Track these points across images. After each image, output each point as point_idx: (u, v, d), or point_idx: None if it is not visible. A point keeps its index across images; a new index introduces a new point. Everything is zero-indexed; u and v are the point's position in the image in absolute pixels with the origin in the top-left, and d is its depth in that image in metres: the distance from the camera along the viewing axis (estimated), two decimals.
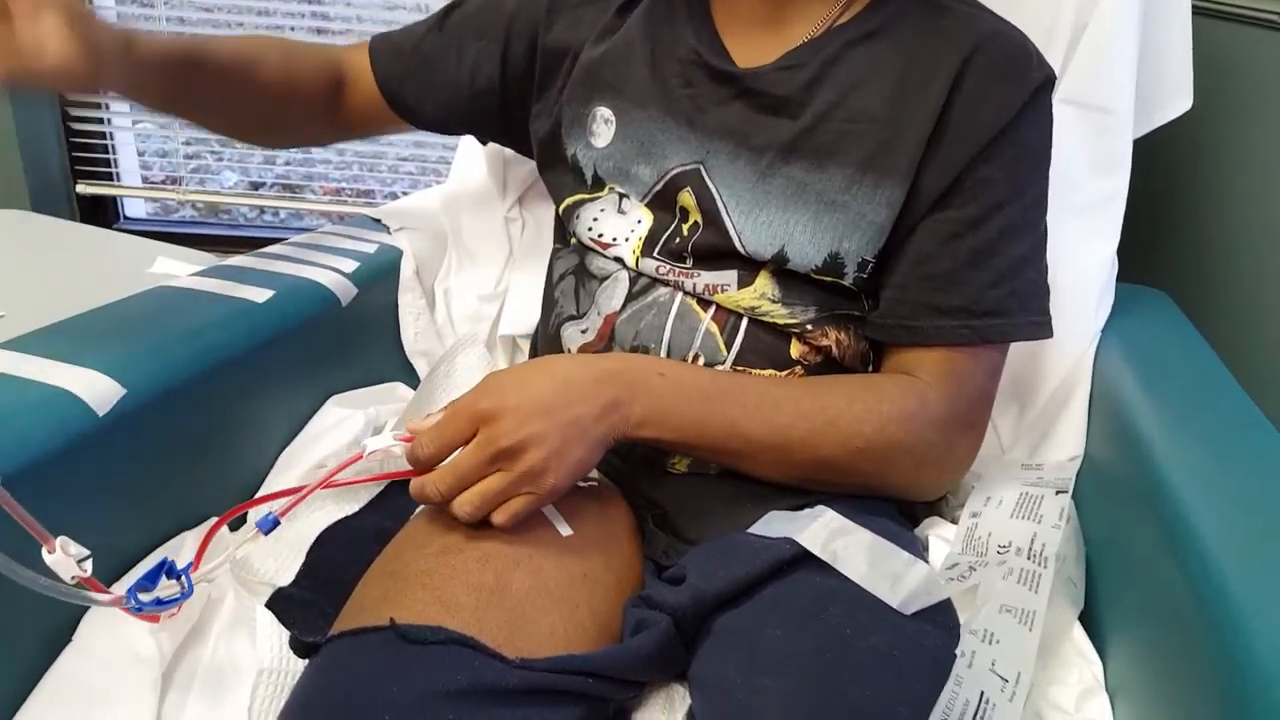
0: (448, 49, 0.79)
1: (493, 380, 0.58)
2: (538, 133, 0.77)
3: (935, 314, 0.65)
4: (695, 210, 0.68)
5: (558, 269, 0.79)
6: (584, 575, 0.58)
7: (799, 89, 0.66)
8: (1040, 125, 0.67)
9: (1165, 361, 0.78)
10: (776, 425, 0.61)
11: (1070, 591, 0.65)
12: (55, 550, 0.45)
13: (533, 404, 0.55)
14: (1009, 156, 0.64)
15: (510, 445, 0.54)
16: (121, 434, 0.58)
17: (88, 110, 1.66)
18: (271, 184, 1.80)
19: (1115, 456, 0.72)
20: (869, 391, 0.64)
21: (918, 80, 0.64)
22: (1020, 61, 0.65)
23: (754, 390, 0.63)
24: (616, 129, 0.71)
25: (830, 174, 0.65)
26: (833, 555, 0.54)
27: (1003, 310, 0.65)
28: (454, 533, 0.57)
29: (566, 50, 0.75)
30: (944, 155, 0.64)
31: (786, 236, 0.65)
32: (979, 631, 0.54)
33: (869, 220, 0.64)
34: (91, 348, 0.60)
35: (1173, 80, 0.86)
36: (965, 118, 0.63)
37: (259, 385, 0.73)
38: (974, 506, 0.69)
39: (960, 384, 0.65)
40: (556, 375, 0.58)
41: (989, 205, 0.64)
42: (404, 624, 0.49)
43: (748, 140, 0.67)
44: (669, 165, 0.69)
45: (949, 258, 0.64)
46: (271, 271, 0.79)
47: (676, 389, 0.60)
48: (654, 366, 0.62)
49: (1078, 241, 0.82)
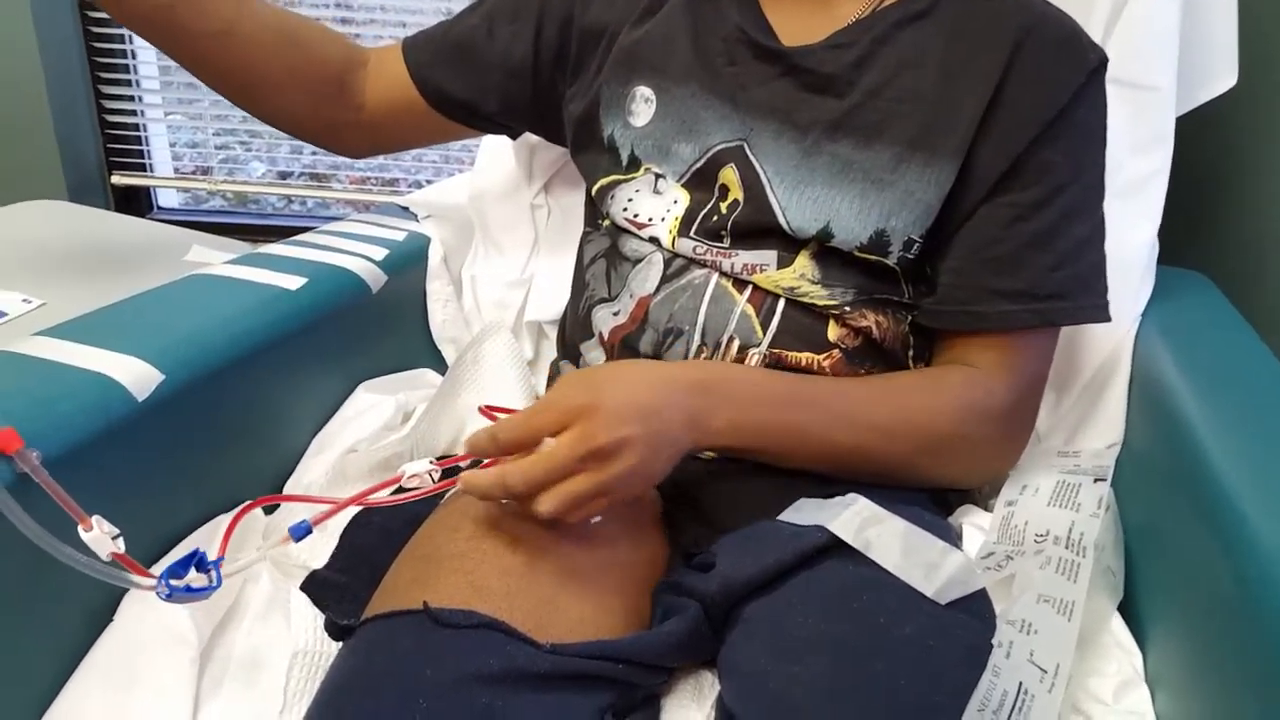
0: (479, 31, 0.79)
1: (586, 376, 0.56)
2: (573, 114, 0.77)
3: (998, 298, 0.64)
4: (737, 187, 0.67)
5: (588, 252, 0.78)
6: (613, 561, 0.58)
7: (847, 67, 0.65)
8: (1098, 106, 0.66)
9: (1207, 346, 0.77)
10: (856, 429, 0.61)
11: (1109, 581, 0.64)
12: (92, 528, 0.45)
13: (630, 406, 0.53)
14: (1069, 138, 0.64)
15: (605, 445, 0.51)
16: (160, 419, 0.59)
17: (122, 103, 1.68)
18: (299, 174, 1.82)
19: (1155, 443, 0.71)
20: (937, 385, 0.64)
21: (967, 61, 0.64)
22: (1075, 43, 0.65)
23: (834, 395, 0.62)
24: (657, 107, 0.71)
25: (878, 152, 0.64)
26: (865, 543, 0.53)
27: (1066, 292, 0.64)
28: (484, 517, 0.57)
29: (604, 30, 0.75)
30: (1001, 136, 0.63)
31: (832, 213, 0.65)
32: (1016, 621, 0.53)
33: (917, 198, 0.63)
34: (130, 334, 0.61)
35: (1217, 56, 0.84)
36: (1023, 99, 0.63)
37: (292, 371, 0.74)
38: (1009, 495, 0.68)
39: (1019, 372, 0.65)
40: (652, 380, 0.56)
41: (1051, 188, 0.63)
42: (436, 607, 0.49)
43: (791, 117, 0.66)
44: (711, 142, 0.69)
45: (1011, 241, 0.64)
46: (303, 259, 0.79)
47: (758, 397, 0.59)
48: (739, 375, 0.61)
49: (1118, 223, 0.78)
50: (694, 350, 0.67)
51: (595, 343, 0.75)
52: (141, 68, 1.67)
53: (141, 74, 1.68)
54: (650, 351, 0.69)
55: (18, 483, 0.48)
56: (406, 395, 0.83)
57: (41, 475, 0.47)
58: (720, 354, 0.67)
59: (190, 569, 0.48)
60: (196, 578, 0.48)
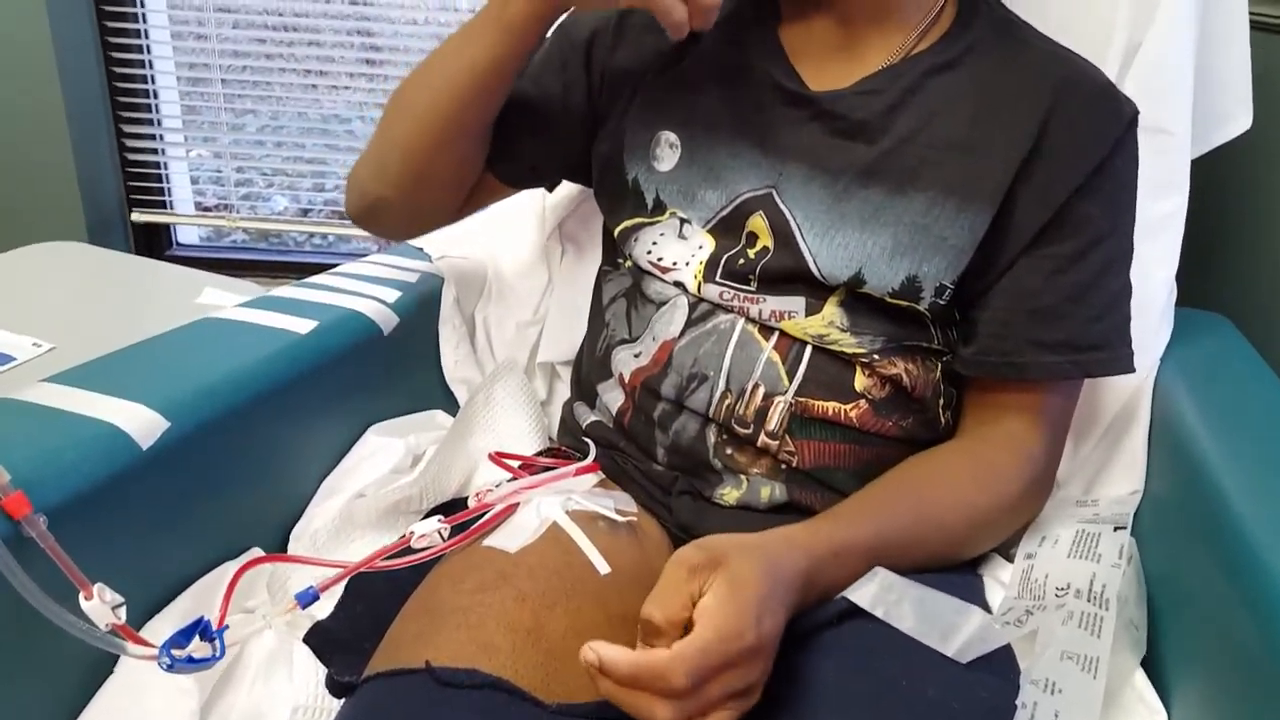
0: (531, 99, 0.76)
1: (750, 610, 0.48)
2: (599, 155, 0.76)
3: (1040, 349, 0.64)
4: (767, 234, 0.67)
5: (608, 290, 0.78)
6: (623, 615, 0.57)
7: (879, 114, 0.65)
8: (1132, 159, 0.67)
9: (1228, 389, 0.76)
10: (928, 551, 0.61)
11: (1132, 635, 0.62)
12: (93, 597, 0.45)
13: (774, 639, 0.49)
14: (1107, 191, 0.64)
15: (756, 682, 0.49)
16: (165, 466, 0.59)
17: (143, 141, 1.70)
18: (320, 209, 1.84)
19: (1176, 490, 0.69)
20: (993, 475, 0.65)
21: (1002, 110, 0.64)
22: (1111, 96, 0.65)
23: (903, 520, 0.61)
24: (682, 153, 0.70)
25: (911, 198, 0.64)
26: (885, 610, 0.53)
27: (1104, 344, 0.65)
28: (490, 570, 0.56)
29: (631, 74, 0.74)
30: (1042, 187, 0.63)
31: (864, 258, 0.64)
32: (1040, 681, 0.51)
33: (950, 244, 0.63)
34: (136, 381, 0.61)
35: (1231, 98, 0.83)
36: (1063, 151, 0.63)
37: (301, 415, 0.74)
38: (1028, 547, 0.67)
39: (1054, 424, 0.67)
40: (782, 598, 0.51)
41: (1090, 240, 0.64)
42: (439, 666, 0.49)
43: (822, 163, 0.66)
44: (739, 190, 0.68)
45: (1052, 293, 0.64)
46: (314, 302, 0.79)
47: (840, 566, 0.56)
48: (831, 548, 0.56)
49: (1135, 266, 0.79)
50: (718, 396, 0.67)
51: (614, 383, 0.74)
52: (164, 106, 1.70)
53: (163, 112, 1.71)
54: (673, 395, 0.69)
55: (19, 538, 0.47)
56: (417, 438, 0.82)
57: (48, 541, 0.47)
58: (745, 401, 0.66)
59: (193, 638, 0.47)
60: (199, 647, 0.48)
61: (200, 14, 1.64)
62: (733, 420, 0.66)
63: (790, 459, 0.66)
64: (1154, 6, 0.78)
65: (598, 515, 0.64)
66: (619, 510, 0.65)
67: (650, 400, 0.70)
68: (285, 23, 1.66)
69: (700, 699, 0.46)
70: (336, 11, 1.65)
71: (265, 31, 1.67)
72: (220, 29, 1.66)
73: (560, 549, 0.60)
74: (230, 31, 1.66)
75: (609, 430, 0.74)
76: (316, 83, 1.70)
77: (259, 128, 1.76)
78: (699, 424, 0.68)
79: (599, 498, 0.66)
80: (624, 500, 0.68)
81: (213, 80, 1.69)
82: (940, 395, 0.69)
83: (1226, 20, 0.82)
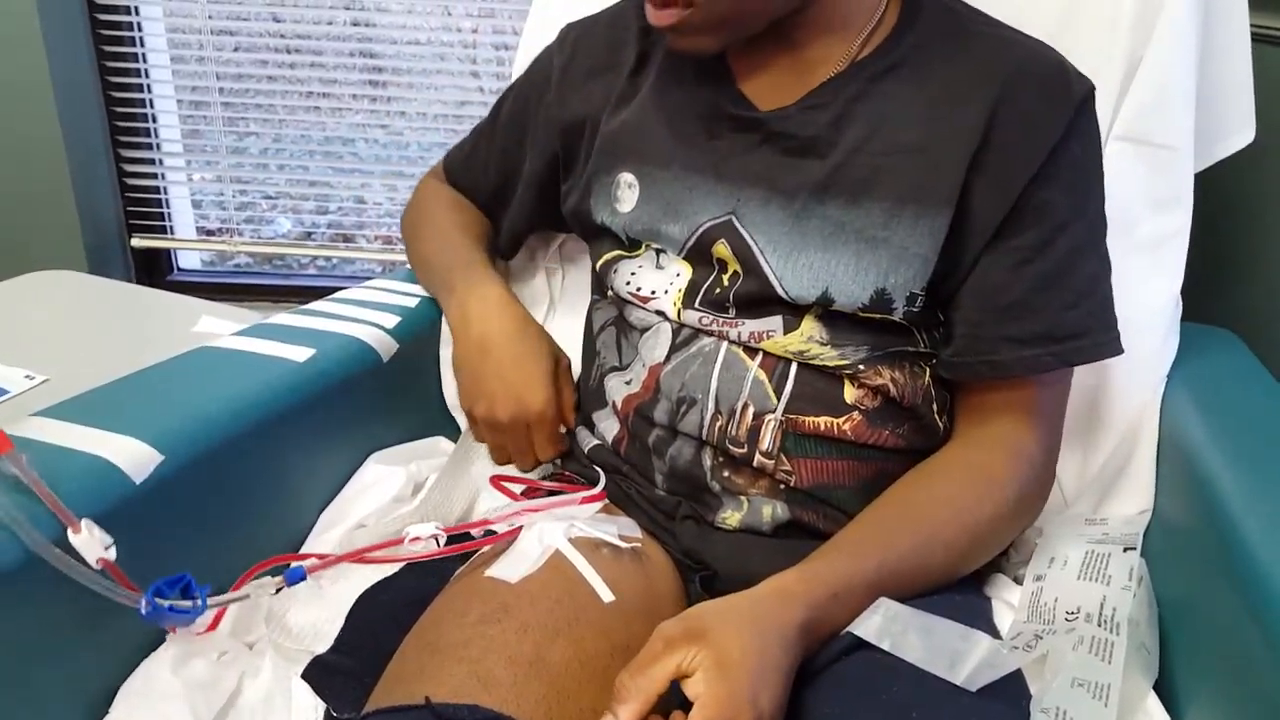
0: (508, 169, 0.84)
1: (744, 691, 0.48)
2: (569, 207, 0.78)
3: (1016, 345, 0.63)
4: (733, 260, 0.67)
5: (597, 320, 0.78)
6: (626, 645, 0.56)
7: (826, 128, 0.65)
8: (1090, 139, 0.65)
9: (1236, 406, 0.75)
10: (927, 573, 0.60)
11: (1143, 658, 0.61)
12: (81, 531, 0.44)
13: (775, 710, 0.49)
14: (1065, 175, 0.63)
15: None
16: (158, 501, 0.58)
17: (142, 165, 1.70)
18: (324, 231, 1.83)
19: (1186, 510, 0.68)
20: (990, 482, 0.63)
21: (950, 107, 0.63)
22: (1060, 78, 0.64)
23: (904, 547, 0.59)
24: (640, 192, 0.71)
25: (867, 209, 0.63)
26: (891, 641, 0.52)
27: (1083, 330, 0.64)
28: (493, 601, 0.56)
29: (584, 123, 0.76)
30: (995, 180, 0.62)
31: (829, 278, 0.64)
32: (1051, 710, 0.51)
33: (913, 253, 0.62)
34: (129, 414, 0.61)
35: (1234, 111, 0.83)
36: (1013, 141, 0.62)
37: (299, 446, 0.73)
38: (1037, 569, 0.66)
39: (1047, 418, 0.66)
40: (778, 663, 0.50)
41: (1053, 227, 0.63)
42: (439, 703, 0.48)
43: (776, 184, 0.66)
44: (700, 220, 0.68)
45: (1019, 285, 0.63)
46: (312, 329, 0.79)
47: (844, 607, 0.55)
48: (830, 590, 0.55)
49: (1140, 281, 0.78)
50: (709, 418, 0.66)
51: (609, 412, 0.74)
52: (163, 130, 1.70)
53: (163, 136, 1.71)
54: (665, 420, 0.68)
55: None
56: (418, 465, 0.82)
57: (30, 476, 0.46)
58: (736, 421, 0.65)
59: (177, 591, 0.47)
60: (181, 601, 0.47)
61: (200, 36, 1.64)
62: (726, 441, 0.66)
63: (788, 478, 0.65)
64: (1154, 21, 0.78)
65: (601, 542, 0.63)
66: (623, 536, 0.65)
67: (644, 427, 0.70)
68: (287, 45, 1.66)
69: None
70: (339, 33, 1.65)
71: (267, 54, 1.67)
72: (220, 51, 1.66)
73: (563, 577, 0.59)
74: (231, 54, 1.67)
75: (611, 455, 0.74)
76: (319, 104, 1.70)
77: (261, 150, 1.76)
78: (694, 448, 0.67)
79: (602, 523, 0.65)
80: (628, 525, 0.68)
81: (213, 103, 1.69)
82: (934, 400, 0.67)
83: (1227, 33, 0.82)
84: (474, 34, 1.65)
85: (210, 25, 1.63)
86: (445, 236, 0.85)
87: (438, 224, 0.87)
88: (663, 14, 0.63)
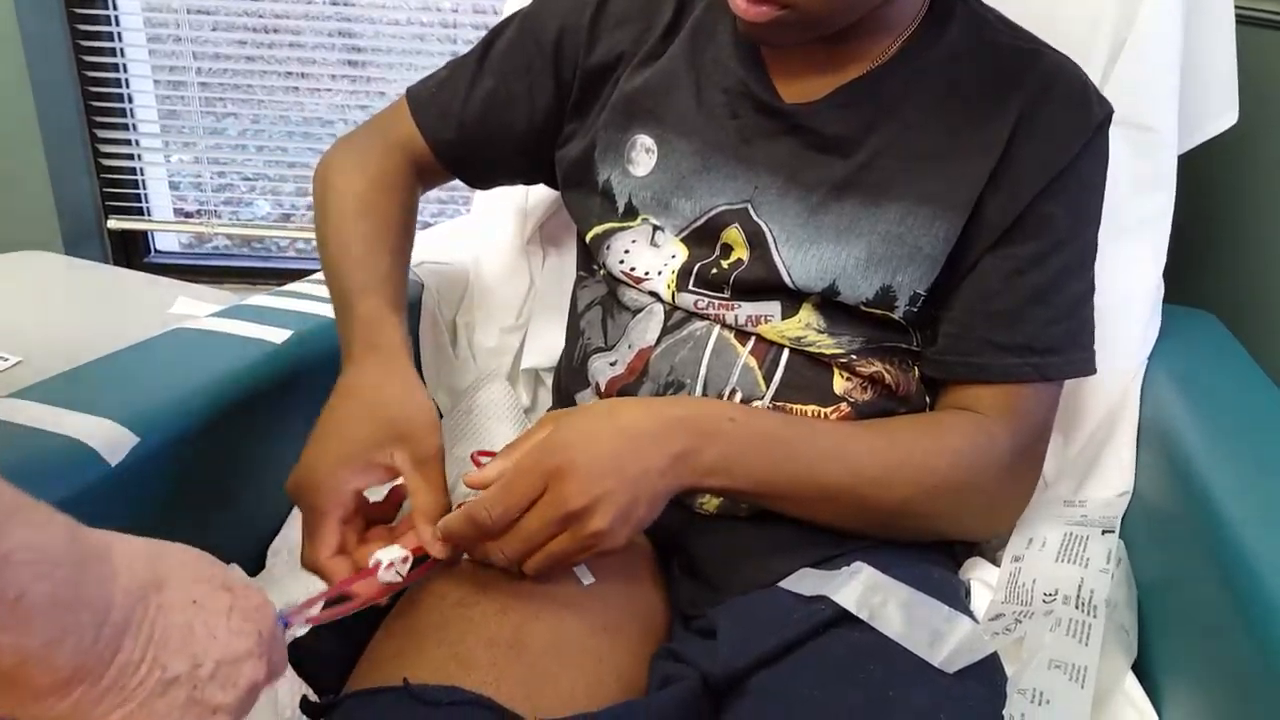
0: (497, 101, 0.74)
1: (558, 435, 0.54)
2: (567, 154, 0.74)
3: (998, 351, 0.63)
4: (743, 247, 0.66)
5: (583, 298, 0.77)
6: (605, 626, 0.56)
7: (853, 128, 0.64)
8: (1100, 162, 0.66)
9: (1216, 388, 0.75)
10: (850, 468, 0.59)
11: (1122, 639, 0.62)
12: None
13: (602, 461, 0.52)
14: (1072, 193, 0.64)
15: (580, 508, 0.51)
16: (134, 483, 0.58)
17: (118, 146, 1.68)
18: (303, 213, 1.82)
19: (1166, 491, 0.69)
20: (937, 428, 0.63)
21: (977, 115, 0.63)
22: (1083, 98, 0.64)
23: (826, 433, 0.61)
24: (658, 159, 0.69)
25: (885, 209, 0.63)
26: (870, 613, 0.52)
27: (1061, 347, 0.64)
28: (472, 581, 0.56)
29: (607, 73, 0.72)
30: (1009, 190, 0.62)
31: (838, 270, 0.63)
32: (1028, 691, 0.51)
33: (924, 253, 0.63)
34: (104, 395, 0.60)
35: (1217, 93, 0.83)
36: (1031, 153, 0.62)
37: (277, 427, 0.72)
38: (1015, 550, 0.66)
39: (1023, 418, 0.64)
40: (624, 427, 0.54)
41: (1051, 242, 0.63)
42: (417, 684, 0.47)
43: (797, 177, 0.65)
44: (715, 203, 0.67)
45: (1011, 295, 0.63)
46: (289, 310, 0.78)
47: (748, 435, 0.57)
48: (724, 412, 0.59)
49: (1122, 264, 0.78)
50: None
51: (590, 393, 0.73)
52: (139, 111, 1.68)
53: (139, 117, 1.68)
54: None
55: None
56: None
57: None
58: None
59: None
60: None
61: (177, 15, 1.62)
62: None
63: None
64: (1140, 2, 0.78)
65: None
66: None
67: None
68: (265, 24, 1.64)
69: (522, 532, 0.51)
70: (317, 13, 1.63)
71: (245, 34, 1.65)
72: (198, 31, 1.64)
73: None
74: (209, 34, 1.64)
75: None
76: (298, 85, 1.68)
77: (239, 131, 1.74)
78: None
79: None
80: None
81: (190, 84, 1.67)
82: (924, 395, 0.68)
83: (1212, 15, 0.82)
84: (454, 13, 1.63)
85: (187, 4, 1.61)
86: (358, 262, 0.69)
87: (344, 238, 0.71)
88: (757, 10, 0.59)
